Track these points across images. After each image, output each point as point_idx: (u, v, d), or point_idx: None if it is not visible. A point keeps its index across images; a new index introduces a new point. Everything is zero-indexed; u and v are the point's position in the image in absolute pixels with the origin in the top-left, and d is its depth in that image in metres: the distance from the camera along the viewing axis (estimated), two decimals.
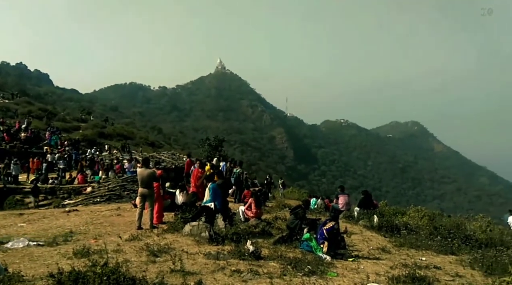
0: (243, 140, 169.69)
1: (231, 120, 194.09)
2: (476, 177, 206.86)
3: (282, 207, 16.39)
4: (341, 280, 6.70)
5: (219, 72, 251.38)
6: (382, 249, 9.76)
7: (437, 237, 11.15)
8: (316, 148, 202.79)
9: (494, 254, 8.84)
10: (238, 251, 7.69)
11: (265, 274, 6.53)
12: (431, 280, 6.75)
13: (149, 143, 57.50)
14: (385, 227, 12.53)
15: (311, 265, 7.26)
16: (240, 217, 11.49)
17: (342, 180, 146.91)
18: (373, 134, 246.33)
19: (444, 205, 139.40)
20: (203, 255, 7.53)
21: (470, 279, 7.25)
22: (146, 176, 10.15)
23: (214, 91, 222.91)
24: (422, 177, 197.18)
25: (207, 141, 30.56)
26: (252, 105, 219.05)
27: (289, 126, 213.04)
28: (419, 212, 15.68)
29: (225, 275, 6.41)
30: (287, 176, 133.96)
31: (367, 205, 15.50)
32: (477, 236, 11.67)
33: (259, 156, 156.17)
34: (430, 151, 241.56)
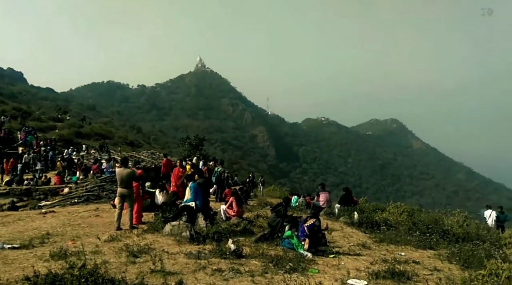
0: (224, 139, 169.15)
1: (211, 119, 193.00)
2: (453, 173, 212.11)
3: (264, 205, 16.42)
4: (322, 276, 6.75)
5: (199, 70, 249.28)
6: (363, 245, 9.88)
7: (416, 232, 11.32)
8: (297, 146, 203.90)
9: (470, 248, 9.02)
10: (220, 250, 7.67)
11: (246, 273, 6.53)
12: (410, 275, 6.87)
13: (128, 143, 56.60)
14: (365, 223, 12.71)
15: (293, 262, 7.29)
16: (222, 216, 11.45)
17: (323, 178, 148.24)
18: (353, 132, 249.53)
19: (423, 200, 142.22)
20: (184, 255, 7.48)
21: (448, 273, 7.40)
22: (125, 176, 10.00)
23: (194, 89, 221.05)
24: (401, 173, 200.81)
25: (188, 140, 30.24)
26: (233, 104, 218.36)
27: (270, 125, 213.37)
28: (398, 208, 15.89)
29: (206, 274, 6.39)
30: (269, 175, 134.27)
31: (347, 202, 15.68)
32: (454, 231, 11.92)
33: (240, 154, 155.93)
34: (409, 148, 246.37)
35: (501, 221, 17.68)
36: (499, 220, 17.70)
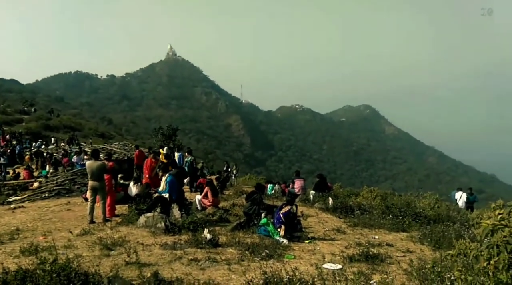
0: (199, 129, 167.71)
1: (185, 109, 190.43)
2: (425, 157, 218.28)
3: (240, 194, 16.42)
4: (298, 262, 6.83)
5: (170, 59, 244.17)
6: (337, 230, 10.04)
7: (389, 215, 11.58)
8: (272, 134, 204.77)
9: (441, 229, 9.28)
10: (195, 240, 7.61)
11: (223, 261, 6.54)
12: (383, 257, 7.03)
13: (99, 135, 55.35)
14: (339, 208, 12.90)
15: (269, 249, 7.33)
16: (197, 206, 11.38)
17: (298, 165, 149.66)
18: (327, 119, 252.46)
19: (396, 184, 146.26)
20: (159, 246, 7.40)
21: (420, 254, 7.62)
22: (96, 169, 9.76)
23: (166, 79, 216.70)
24: (375, 158, 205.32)
25: (160, 131, 29.67)
26: (206, 93, 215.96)
27: (245, 113, 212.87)
28: (372, 193, 16.21)
29: (182, 264, 6.36)
30: (245, 164, 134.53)
31: (322, 188, 15.88)
32: (426, 213, 12.28)
33: (215, 144, 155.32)
34: (382, 133, 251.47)
35: (470, 202, 18.38)
36: (468, 201, 18.39)
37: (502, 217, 2.74)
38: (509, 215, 2.72)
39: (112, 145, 35.42)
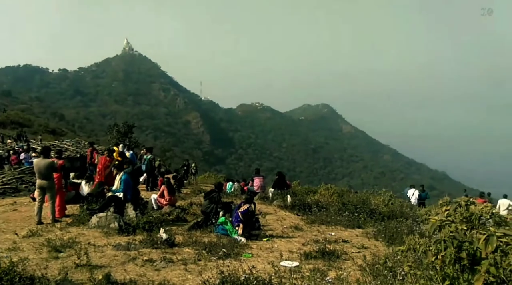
0: (156, 126, 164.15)
1: (142, 105, 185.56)
2: (380, 155, 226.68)
3: (198, 192, 16.22)
4: (256, 260, 6.83)
5: (127, 53, 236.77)
6: (295, 227, 10.16)
7: (345, 212, 11.85)
8: (232, 132, 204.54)
9: (395, 225, 9.59)
10: (151, 240, 7.43)
11: (179, 261, 6.43)
12: (339, 254, 7.18)
13: (49, 131, 52.72)
14: (298, 205, 13.05)
15: (226, 248, 7.28)
16: (153, 205, 11.10)
17: (258, 163, 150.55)
18: (287, 117, 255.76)
19: (353, 182, 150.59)
20: (112, 247, 7.16)
21: (374, 250, 7.87)
22: (43, 167, 9.24)
23: (122, 74, 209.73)
24: (333, 156, 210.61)
25: (116, 128, 28.67)
26: (164, 89, 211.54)
27: (204, 110, 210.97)
28: (329, 190, 16.50)
29: (136, 265, 6.19)
30: (204, 161, 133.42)
31: (281, 186, 16.01)
32: (380, 210, 12.67)
33: (173, 141, 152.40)
34: (339, 132, 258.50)
35: (422, 199, 19.25)
36: (420, 198, 19.26)
37: (449, 213, 2.86)
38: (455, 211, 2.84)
39: (64, 142, 33.86)
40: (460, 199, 3.17)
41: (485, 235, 2.37)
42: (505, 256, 2.30)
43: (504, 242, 2.35)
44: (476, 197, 17.89)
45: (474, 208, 2.96)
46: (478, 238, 2.41)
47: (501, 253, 2.33)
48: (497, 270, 2.27)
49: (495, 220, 3.03)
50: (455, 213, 2.84)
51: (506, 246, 2.34)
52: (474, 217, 2.88)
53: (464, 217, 2.88)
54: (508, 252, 2.31)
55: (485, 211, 3.01)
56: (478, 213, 2.91)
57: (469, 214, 2.89)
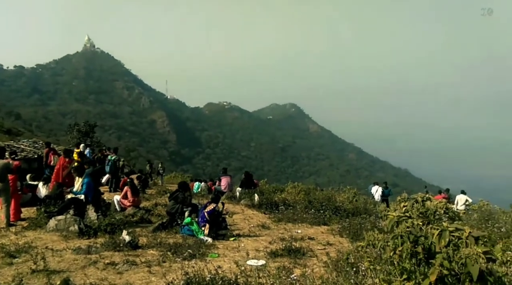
0: (120, 125, 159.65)
1: (104, 104, 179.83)
2: (346, 153, 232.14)
3: (163, 193, 15.96)
4: (222, 260, 6.79)
5: (88, 50, 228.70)
6: (262, 226, 10.21)
7: (311, 210, 12.07)
8: (199, 131, 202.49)
9: (359, 222, 9.86)
10: (113, 242, 7.23)
11: (143, 263, 6.29)
12: (305, 251, 7.27)
13: (4, 131, 50.00)
14: (265, 204, 13.15)
15: (192, 248, 7.19)
16: (116, 207, 10.80)
17: (226, 162, 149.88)
18: (255, 116, 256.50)
19: (320, 180, 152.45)
20: (71, 251, 6.92)
21: (339, 246, 8.01)
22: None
23: (83, 71, 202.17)
24: (300, 155, 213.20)
25: (76, 127, 27.62)
26: (128, 87, 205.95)
27: (170, 109, 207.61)
28: (296, 188, 16.70)
29: (97, 269, 6.01)
30: (171, 161, 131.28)
31: (248, 185, 16.05)
32: (345, 207, 13.00)
33: (138, 141, 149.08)
34: (306, 131, 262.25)
35: (385, 196, 19.89)
36: (384, 195, 19.89)
37: (406, 209, 2.97)
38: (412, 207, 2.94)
39: (20, 143, 32.22)
40: (417, 195, 3.29)
41: (439, 230, 2.46)
42: (457, 250, 2.40)
43: (456, 236, 2.46)
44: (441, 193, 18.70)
45: (430, 204, 3.07)
46: (432, 233, 2.50)
47: (453, 247, 2.44)
48: (450, 264, 2.37)
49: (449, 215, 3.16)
50: (412, 209, 2.95)
51: (458, 240, 2.45)
52: (429, 212, 2.99)
53: (420, 213, 2.99)
54: (459, 246, 2.42)
55: (439, 206, 3.14)
56: (433, 208, 3.03)
57: (425, 210, 3.00)
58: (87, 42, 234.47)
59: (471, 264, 2.30)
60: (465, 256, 2.31)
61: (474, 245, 2.40)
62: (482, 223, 8.74)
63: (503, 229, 7.81)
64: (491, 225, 8.40)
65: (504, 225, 8.29)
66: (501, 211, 10.68)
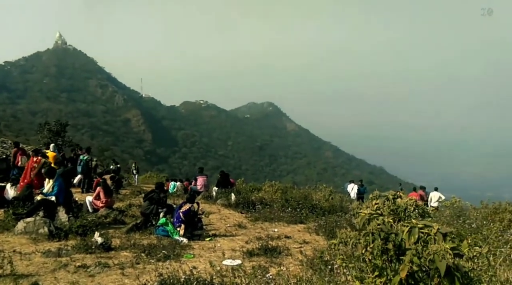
0: (93, 124, 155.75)
1: (77, 102, 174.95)
2: (322, 152, 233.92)
3: (138, 193, 15.69)
4: (198, 260, 6.74)
5: (59, 47, 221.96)
6: (239, 225, 10.19)
7: (288, 208, 12.10)
8: (175, 130, 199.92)
9: (334, 219, 9.96)
10: (85, 244, 7.06)
11: (115, 265, 6.16)
12: (281, 249, 7.30)
13: None
14: (242, 204, 13.10)
15: (167, 249, 7.10)
16: (88, 208, 10.53)
17: (203, 162, 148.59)
18: (232, 115, 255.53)
19: (297, 178, 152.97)
20: (41, 254, 6.71)
21: (315, 244, 8.10)
22: None
23: (54, 69, 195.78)
24: (277, 154, 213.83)
25: (47, 126, 26.72)
26: (101, 85, 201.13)
27: (145, 108, 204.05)
28: (273, 187, 16.70)
29: (68, 272, 5.86)
30: (146, 161, 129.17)
31: (224, 184, 15.98)
32: (321, 205, 13.09)
33: (113, 140, 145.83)
34: (284, 129, 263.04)
35: (361, 193, 20.13)
36: (359, 192, 20.14)
37: (378, 206, 3.01)
38: (383, 204, 2.99)
39: None
40: (388, 193, 3.35)
41: (408, 227, 2.52)
42: (426, 246, 2.45)
43: (425, 233, 2.51)
44: (416, 190, 19.05)
45: (400, 201, 3.14)
46: (402, 230, 2.55)
47: (422, 244, 2.49)
48: (419, 260, 2.42)
49: (419, 212, 3.23)
50: (383, 206, 3.00)
51: (426, 237, 2.50)
52: (400, 209, 3.06)
53: (391, 210, 3.05)
54: (428, 242, 2.47)
55: (409, 203, 3.20)
56: (403, 206, 3.09)
57: (396, 207, 3.06)
58: (58, 39, 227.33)
59: (439, 260, 2.36)
60: (433, 252, 2.37)
61: (442, 241, 2.47)
62: (454, 219, 8.99)
63: (473, 225, 8.04)
64: (462, 221, 8.64)
65: (475, 221, 8.54)
66: (472, 207, 11.01)
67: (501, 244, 5.70)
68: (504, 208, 9.49)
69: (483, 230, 6.87)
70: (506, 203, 9.83)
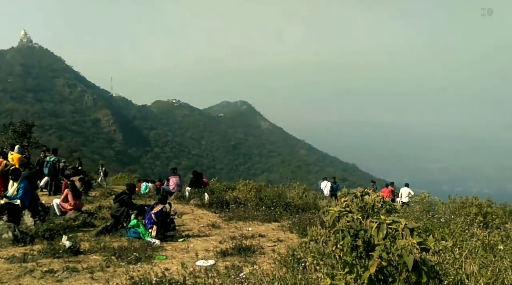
0: (61, 124, 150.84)
1: (43, 102, 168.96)
2: (296, 150, 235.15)
3: (108, 195, 15.32)
4: (170, 262, 6.65)
5: (25, 46, 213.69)
6: (212, 225, 10.12)
7: (262, 207, 12.09)
8: (147, 130, 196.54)
9: (308, 217, 10.01)
10: (52, 249, 6.82)
11: (84, 270, 6.00)
12: (255, 248, 7.29)
13: None
14: (215, 203, 12.99)
15: (138, 251, 6.98)
16: (55, 211, 10.20)
17: (177, 162, 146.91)
18: (206, 114, 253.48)
19: (272, 176, 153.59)
20: (4, 260, 6.49)
21: (289, 242, 8.12)
22: None
23: (19, 68, 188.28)
24: (252, 152, 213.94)
25: (12, 127, 25.73)
26: (69, 85, 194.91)
27: (116, 107, 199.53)
28: (247, 186, 16.60)
29: (34, 278, 5.67)
30: (117, 161, 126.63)
31: (197, 184, 15.86)
32: (295, 203, 13.12)
33: (82, 141, 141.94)
34: (258, 128, 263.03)
35: (334, 190, 20.35)
36: (332, 190, 20.38)
37: (347, 203, 3.06)
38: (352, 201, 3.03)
39: None
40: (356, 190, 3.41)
41: (377, 223, 2.56)
42: (394, 242, 2.51)
43: (393, 229, 2.57)
44: (388, 186, 19.50)
45: (368, 198, 3.20)
46: (371, 226, 2.60)
47: (390, 239, 2.55)
48: (388, 255, 2.47)
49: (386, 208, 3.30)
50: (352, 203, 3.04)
51: (394, 232, 2.56)
52: (368, 206, 3.11)
53: (360, 207, 3.10)
54: (396, 238, 2.53)
55: (377, 200, 3.27)
56: (371, 202, 3.15)
57: (364, 204, 3.11)
58: (24, 37, 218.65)
59: (407, 254, 2.42)
60: (401, 247, 2.42)
61: (409, 236, 2.53)
62: (423, 214, 9.21)
63: (442, 219, 8.27)
64: (431, 215, 8.86)
65: (443, 215, 8.79)
66: (440, 202, 11.31)
67: (467, 238, 5.92)
68: (470, 202, 9.81)
69: (450, 224, 7.09)
70: (472, 198, 10.16)
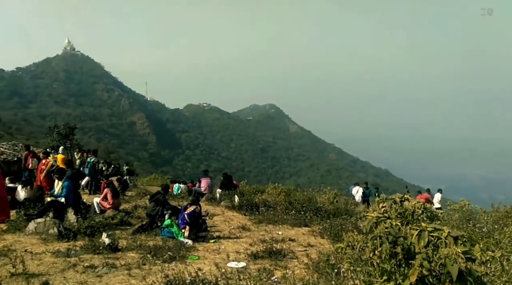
0: (99, 127, 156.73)
1: (84, 106, 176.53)
2: (326, 154, 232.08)
3: (143, 195, 15.75)
4: (202, 262, 6.76)
5: (68, 53, 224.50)
6: (243, 228, 10.17)
7: (292, 211, 12.00)
8: (179, 133, 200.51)
9: (340, 222, 9.86)
10: (93, 245, 7.12)
11: (122, 266, 6.21)
12: (286, 252, 7.28)
13: None
14: (245, 206, 13.03)
15: (172, 251, 7.14)
16: (95, 209, 10.61)
17: (206, 164, 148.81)
18: (235, 117, 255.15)
19: (300, 180, 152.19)
20: (51, 254, 6.79)
21: (320, 248, 8.06)
22: None
23: (63, 74, 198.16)
24: (280, 155, 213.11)
25: (56, 129, 27.07)
26: (108, 89, 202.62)
27: (150, 111, 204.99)
28: (277, 189, 16.56)
29: (77, 272, 5.92)
30: (151, 163, 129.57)
31: (228, 186, 16.00)
32: (326, 208, 12.94)
33: (118, 143, 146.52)
34: (286, 131, 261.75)
35: (366, 196, 19.89)
36: (364, 195, 19.92)
37: (385, 209, 3.02)
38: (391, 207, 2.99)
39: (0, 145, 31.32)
40: (395, 196, 3.35)
41: (418, 230, 2.52)
42: (436, 250, 2.45)
43: (435, 237, 2.51)
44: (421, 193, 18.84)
45: (408, 204, 3.14)
46: (411, 233, 2.56)
47: (432, 247, 2.49)
48: (430, 264, 2.42)
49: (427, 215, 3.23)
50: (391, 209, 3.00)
51: (437, 240, 2.50)
52: (407, 212, 3.06)
53: (398, 213, 3.05)
54: (439, 246, 2.47)
55: (417, 206, 3.20)
56: (411, 208, 3.09)
57: (403, 210, 3.06)
58: (67, 45, 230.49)
59: (451, 264, 2.34)
60: (445, 256, 2.35)
61: (453, 245, 2.46)
62: (463, 223, 8.82)
63: (484, 229, 7.87)
64: (472, 225, 8.46)
65: (486, 225, 8.36)
66: (482, 211, 10.74)
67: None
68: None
69: (495, 234, 6.74)
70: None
